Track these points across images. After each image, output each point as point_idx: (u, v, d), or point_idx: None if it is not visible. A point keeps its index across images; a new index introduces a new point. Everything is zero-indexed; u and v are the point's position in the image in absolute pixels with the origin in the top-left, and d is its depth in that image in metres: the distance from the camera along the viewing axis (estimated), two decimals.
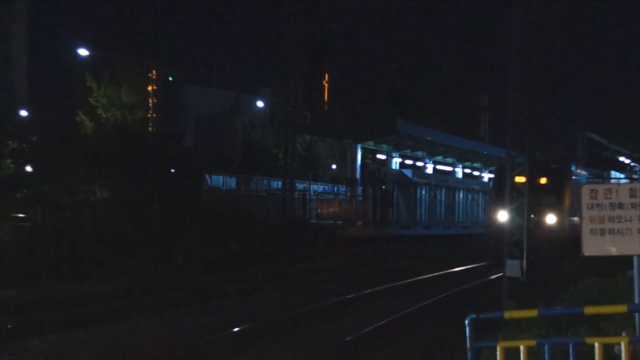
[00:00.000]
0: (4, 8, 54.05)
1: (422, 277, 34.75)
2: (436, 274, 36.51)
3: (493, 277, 33.53)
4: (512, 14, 26.19)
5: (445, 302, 26.12)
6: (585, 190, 11.94)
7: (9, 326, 19.50)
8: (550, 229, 38.21)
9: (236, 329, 19.52)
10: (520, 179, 30.84)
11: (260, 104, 69.68)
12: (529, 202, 27.63)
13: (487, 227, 46.69)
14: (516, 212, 27.74)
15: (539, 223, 29.21)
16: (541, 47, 27.60)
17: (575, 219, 44.25)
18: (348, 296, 26.71)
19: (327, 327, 20.55)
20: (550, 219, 38.46)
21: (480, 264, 40.29)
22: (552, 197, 37.82)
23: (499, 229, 41.74)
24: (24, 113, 48.57)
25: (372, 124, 66.94)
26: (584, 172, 58.63)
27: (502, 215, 41.91)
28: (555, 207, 38.16)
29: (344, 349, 17.67)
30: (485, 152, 72.86)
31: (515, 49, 26.37)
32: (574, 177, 48.21)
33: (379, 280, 31.11)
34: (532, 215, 28.96)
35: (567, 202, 42.38)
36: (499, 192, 43.68)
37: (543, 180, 28.68)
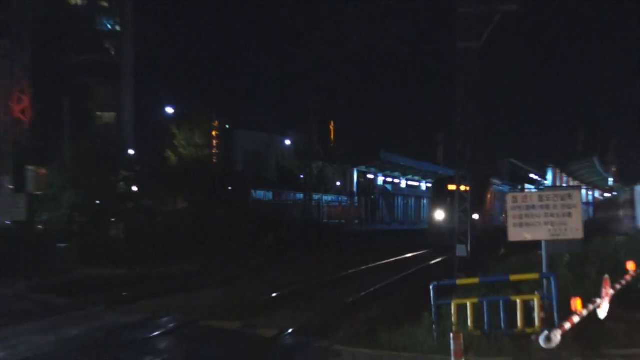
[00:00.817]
0: (118, 82, 54.52)
1: (398, 257, 34.81)
2: (407, 255, 36.45)
3: (440, 259, 33.18)
4: (456, 80, 26.30)
5: (414, 274, 26.22)
6: (509, 197, 12.11)
7: (124, 293, 19.75)
8: (475, 224, 37.06)
9: (274, 294, 19.71)
10: (453, 187, 30.57)
11: (287, 142, 69.74)
12: (465, 205, 27.65)
13: (429, 225, 44.87)
14: (462, 212, 27.69)
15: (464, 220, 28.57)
16: (477, 100, 27.65)
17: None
18: (349, 271, 26.84)
19: (335, 292, 20.66)
20: (475, 216, 37.13)
21: (432, 250, 39.95)
22: (477, 200, 36.36)
23: (436, 225, 41.01)
24: (131, 152, 48.78)
25: (363, 153, 67.18)
26: (499, 182, 57.15)
27: (439, 215, 41.06)
28: (479, 208, 36.83)
29: (347, 306, 17.89)
30: (440, 172, 72.85)
31: (460, 103, 26.48)
32: (494, 187, 46.78)
33: (369, 261, 31.18)
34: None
35: (487, 204, 41.10)
36: (436, 198, 42.96)
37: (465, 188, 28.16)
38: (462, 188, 28.07)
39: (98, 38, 61.10)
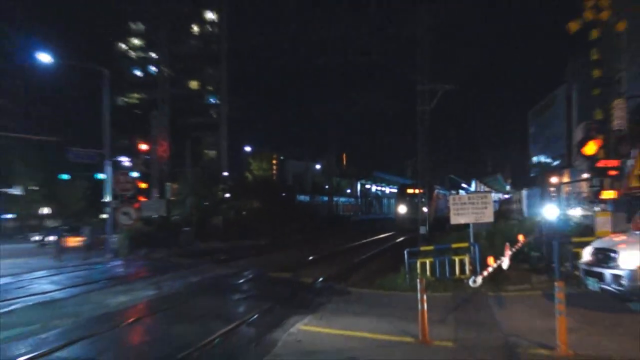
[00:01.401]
0: (217, 133, 55.04)
1: (383, 235, 34.36)
2: (388, 234, 35.72)
3: (406, 237, 32.22)
4: (417, 128, 26.15)
5: (394, 245, 25.95)
6: (451, 198, 12.06)
7: (222, 257, 19.87)
8: (428, 214, 34.58)
9: (311, 257, 19.68)
10: (410, 191, 29.38)
11: (318, 166, 69.69)
12: (425, 203, 27.33)
13: (395, 216, 40.36)
14: (422, 207, 27.30)
15: (422, 212, 27.45)
16: (430, 139, 27.39)
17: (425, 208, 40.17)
18: (353, 243, 26.63)
19: (346, 256, 20.51)
20: (425, 210, 34.15)
21: (401, 232, 38.57)
22: (428, 200, 33.74)
23: (400, 216, 39.02)
24: (225, 173, 49.03)
25: (363, 172, 66.90)
26: (440, 187, 54.19)
27: (402, 209, 38.95)
28: (429, 205, 34.14)
29: (354, 264, 17.81)
30: (409, 183, 71.85)
31: (419, 142, 26.34)
32: (437, 191, 43.73)
33: (367, 237, 30.88)
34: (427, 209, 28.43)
35: (433, 203, 38.80)
36: (400, 198, 40.63)
37: (418, 191, 26.89)
38: (421, 191, 27.86)
39: (206, 108, 62.16)
